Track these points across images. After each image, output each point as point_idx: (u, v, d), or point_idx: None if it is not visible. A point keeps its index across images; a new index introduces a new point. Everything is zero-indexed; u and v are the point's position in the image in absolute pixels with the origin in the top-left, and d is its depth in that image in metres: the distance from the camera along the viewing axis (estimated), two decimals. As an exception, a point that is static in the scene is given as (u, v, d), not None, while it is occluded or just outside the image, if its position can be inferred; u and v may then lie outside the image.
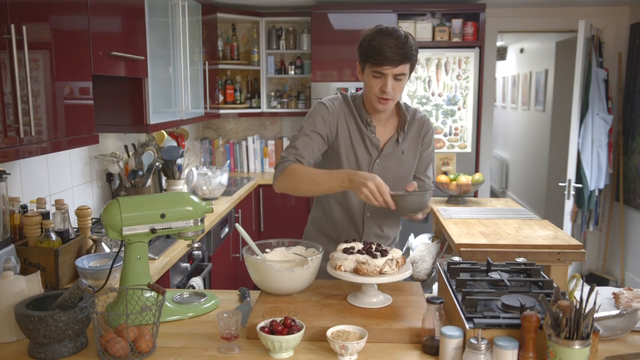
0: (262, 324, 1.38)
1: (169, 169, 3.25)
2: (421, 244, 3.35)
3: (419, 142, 1.96)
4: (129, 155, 3.01)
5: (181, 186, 3.30)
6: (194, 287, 2.53)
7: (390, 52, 1.70)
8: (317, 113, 1.87)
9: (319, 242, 1.97)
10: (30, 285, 1.50)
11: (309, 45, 4.56)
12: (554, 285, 1.41)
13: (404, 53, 1.71)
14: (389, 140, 1.91)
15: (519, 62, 7.54)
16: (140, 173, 2.86)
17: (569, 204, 4.15)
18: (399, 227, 2.09)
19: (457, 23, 4.31)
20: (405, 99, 4.31)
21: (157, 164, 2.99)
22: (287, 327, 1.36)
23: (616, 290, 1.69)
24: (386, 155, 1.90)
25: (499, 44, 6.93)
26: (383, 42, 1.70)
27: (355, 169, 1.88)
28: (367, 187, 1.57)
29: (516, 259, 1.70)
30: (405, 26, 4.31)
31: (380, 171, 1.89)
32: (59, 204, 1.97)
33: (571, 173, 4.10)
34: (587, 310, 1.18)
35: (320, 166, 1.91)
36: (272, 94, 4.73)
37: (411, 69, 1.81)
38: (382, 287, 1.66)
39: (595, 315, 1.29)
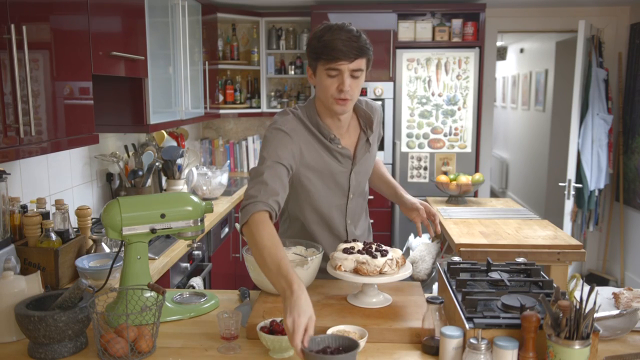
0: (262, 324, 1.38)
1: (169, 169, 3.25)
2: (421, 244, 3.35)
3: (377, 130, 1.91)
4: (129, 155, 3.01)
5: (181, 186, 3.30)
6: (194, 287, 2.53)
7: (344, 46, 1.56)
8: (279, 142, 1.65)
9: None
10: (30, 285, 1.50)
11: (309, 45, 4.55)
12: (554, 285, 1.41)
13: (358, 46, 1.58)
14: (357, 144, 1.80)
15: (519, 62, 7.54)
16: (140, 173, 2.86)
17: (569, 204, 4.15)
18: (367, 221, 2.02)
19: (457, 23, 4.31)
20: (405, 99, 4.31)
21: (157, 164, 2.99)
22: (287, 327, 1.35)
23: (616, 290, 1.69)
24: (360, 161, 1.81)
25: (499, 44, 6.92)
26: (334, 36, 1.57)
27: (333, 188, 1.78)
28: (286, 322, 1.25)
29: (516, 259, 1.70)
30: (405, 26, 4.31)
31: (355, 178, 1.81)
32: (59, 204, 1.97)
33: (571, 173, 4.10)
34: (587, 310, 1.18)
35: (292, 195, 1.78)
36: (272, 94, 4.73)
37: (367, 66, 1.66)
38: (382, 287, 1.66)
39: (595, 315, 1.29)
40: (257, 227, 1.48)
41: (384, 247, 1.62)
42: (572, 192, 4.14)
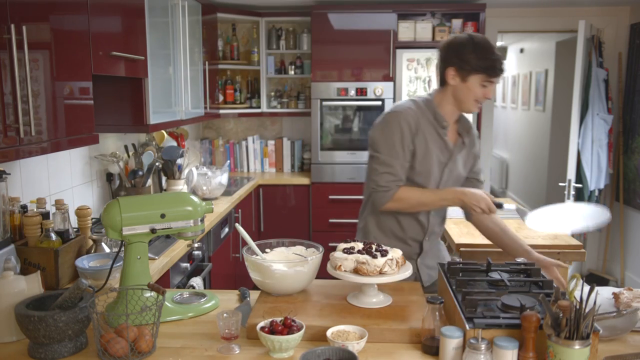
0: (262, 324, 1.38)
1: (169, 169, 3.25)
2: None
3: (472, 146, 2.06)
4: (129, 155, 3.01)
5: (181, 186, 3.30)
6: (194, 287, 2.53)
7: (501, 65, 1.85)
8: (397, 127, 1.89)
9: (384, 239, 2.04)
10: (30, 285, 1.50)
11: (309, 45, 4.56)
12: (554, 285, 1.41)
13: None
14: (455, 144, 1.99)
15: (519, 62, 7.53)
16: (140, 173, 2.86)
17: (569, 204, 4.14)
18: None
19: (457, 23, 4.31)
20: (405, 98, 4.30)
21: (157, 164, 2.99)
22: (287, 327, 1.36)
23: (616, 290, 1.69)
24: (453, 159, 1.98)
25: (499, 44, 6.92)
26: (497, 56, 1.84)
27: (427, 173, 1.93)
28: (480, 206, 1.82)
29: (516, 259, 1.71)
30: (405, 26, 4.31)
31: (447, 175, 1.97)
32: (59, 204, 1.97)
33: (571, 173, 4.10)
34: (587, 310, 1.18)
35: None
36: (272, 94, 4.73)
37: None
38: (382, 287, 1.66)
39: (595, 315, 1.29)
40: (403, 194, 1.89)
41: (384, 247, 1.62)
42: (572, 192, 4.13)
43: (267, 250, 1.75)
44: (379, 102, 4.32)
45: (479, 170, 2.11)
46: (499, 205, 1.87)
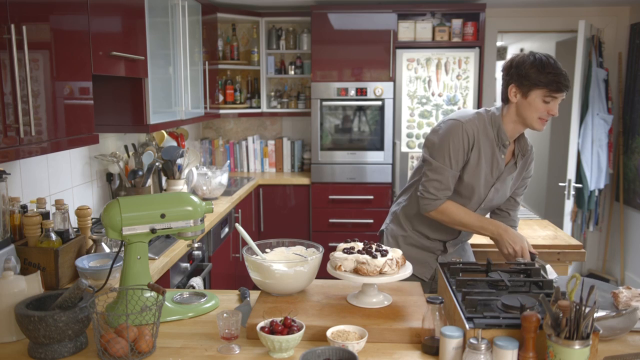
0: (262, 324, 1.38)
1: (169, 169, 3.25)
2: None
3: (524, 169, 2.07)
4: (129, 155, 3.01)
5: (181, 186, 3.30)
6: (194, 287, 2.53)
7: (566, 81, 1.84)
8: (456, 136, 1.89)
9: (410, 230, 2.09)
10: (30, 285, 1.50)
11: (309, 45, 4.56)
12: (554, 284, 1.41)
13: (569, 82, 1.88)
14: (507, 164, 2.00)
15: (519, 62, 7.52)
16: (140, 173, 2.86)
17: (569, 204, 4.14)
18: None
19: (457, 23, 4.31)
20: (405, 99, 4.31)
21: (157, 164, 2.99)
22: (287, 327, 1.36)
23: (615, 289, 1.68)
24: (502, 179, 1.99)
25: (499, 44, 6.92)
26: (559, 71, 1.83)
27: (472, 188, 1.95)
28: (514, 248, 1.88)
29: (516, 259, 1.71)
30: (405, 26, 4.31)
31: (492, 193, 1.99)
32: (59, 204, 1.97)
33: (571, 173, 4.10)
34: (587, 310, 1.18)
35: None
36: (272, 94, 4.73)
37: None
38: (382, 287, 1.66)
39: (595, 315, 1.29)
40: (448, 207, 1.92)
41: (384, 247, 1.62)
42: (572, 192, 4.13)
43: (267, 250, 1.75)
44: (379, 102, 4.32)
45: (522, 192, 2.12)
46: (533, 256, 1.89)
